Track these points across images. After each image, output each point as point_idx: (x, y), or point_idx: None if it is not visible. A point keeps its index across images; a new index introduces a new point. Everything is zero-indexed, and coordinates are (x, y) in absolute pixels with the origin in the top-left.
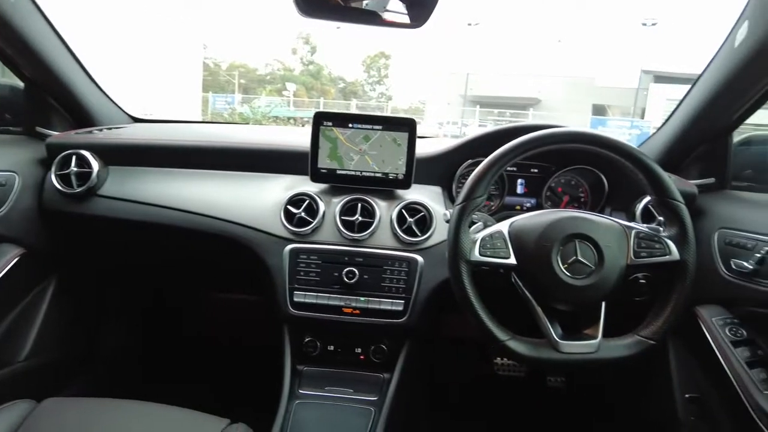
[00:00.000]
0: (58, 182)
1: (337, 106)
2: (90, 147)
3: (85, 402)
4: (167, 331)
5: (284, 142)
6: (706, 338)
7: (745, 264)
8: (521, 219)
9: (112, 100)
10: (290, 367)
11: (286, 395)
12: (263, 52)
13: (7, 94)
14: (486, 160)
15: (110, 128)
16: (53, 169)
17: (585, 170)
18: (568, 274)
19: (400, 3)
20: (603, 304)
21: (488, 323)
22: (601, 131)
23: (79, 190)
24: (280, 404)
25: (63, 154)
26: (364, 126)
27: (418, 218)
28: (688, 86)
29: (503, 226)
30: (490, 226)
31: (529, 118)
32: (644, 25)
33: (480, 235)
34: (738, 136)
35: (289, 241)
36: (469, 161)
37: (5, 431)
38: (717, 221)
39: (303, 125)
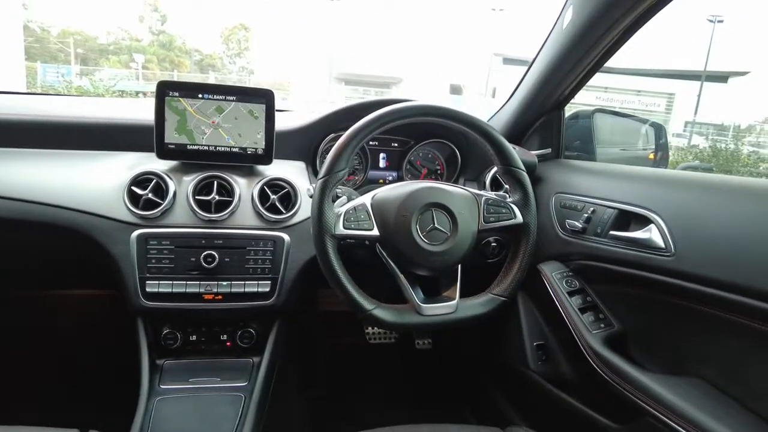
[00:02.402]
0: None
1: (194, 80)
2: None
3: None
4: None
5: (124, 116)
6: (548, 291)
7: (576, 223)
8: (382, 191)
9: None
10: (148, 362)
11: (145, 393)
12: (103, 18)
13: None
14: (346, 134)
15: None
16: None
17: (441, 144)
18: (426, 241)
19: None
20: (459, 267)
21: (354, 294)
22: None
23: None
24: (139, 403)
25: None
26: (215, 97)
27: (281, 195)
28: None
29: (366, 199)
30: (354, 200)
31: (392, 96)
32: (493, 10)
33: (344, 209)
34: (568, 111)
35: (136, 226)
36: (332, 135)
37: None
38: (553, 187)
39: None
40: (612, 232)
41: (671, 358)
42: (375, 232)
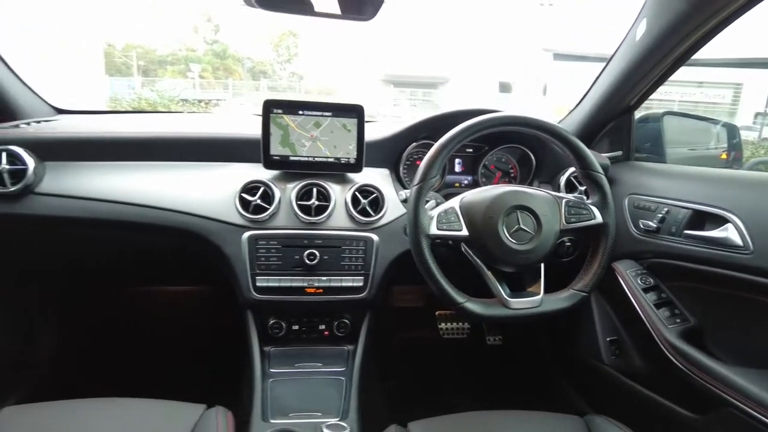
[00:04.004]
0: None
1: (246, 87)
2: (22, 142)
3: (49, 407)
4: (109, 329)
5: (232, 131)
6: (622, 288)
7: (650, 223)
8: (469, 195)
9: (33, 91)
10: (258, 349)
11: (259, 375)
12: (161, 30)
13: None
14: (437, 144)
15: (38, 121)
16: None
17: (513, 148)
18: (512, 240)
19: None
20: (542, 264)
21: (448, 288)
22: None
23: (12, 189)
24: (255, 384)
25: None
26: (313, 113)
27: (371, 199)
28: (584, 64)
29: (454, 203)
30: (440, 203)
31: (439, 96)
32: (542, 5)
33: (435, 212)
34: (638, 114)
35: (246, 228)
36: (414, 144)
37: None
38: (626, 188)
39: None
40: (687, 232)
41: (749, 353)
42: (464, 232)
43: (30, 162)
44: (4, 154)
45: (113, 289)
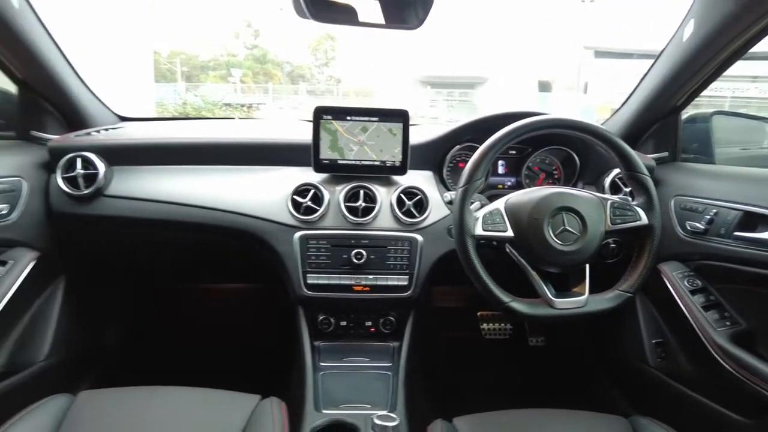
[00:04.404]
0: (65, 185)
1: (285, 90)
2: (94, 149)
3: (120, 392)
4: (170, 323)
5: (283, 136)
6: (668, 290)
7: (698, 225)
8: (514, 196)
9: (100, 100)
10: (309, 343)
11: (310, 368)
12: (203, 37)
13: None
14: (482, 147)
15: (107, 129)
16: (59, 172)
17: (557, 150)
18: (558, 241)
19: (398, 5)
20: (587, 265)
21: (493, 288)
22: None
23: (86, 191)
24: (306, 376)
25: (67, 156)
26: (361, 118)
27: (415, 201)
28: (628, 61)
29: (499, 204)
30: (485, 204)
31: (477, 96)
32: (582, 1)
33: (481, 213)
34: (685, 114)
35: (297, 228)
36: (458, 146)
37: (52, 421)
38: (673, 189)
39: (255, 110)
40: (737, 233)
41: None
42: (509, 233)
43: (101, 167)
44: (79, 160)
45: (173, 286)
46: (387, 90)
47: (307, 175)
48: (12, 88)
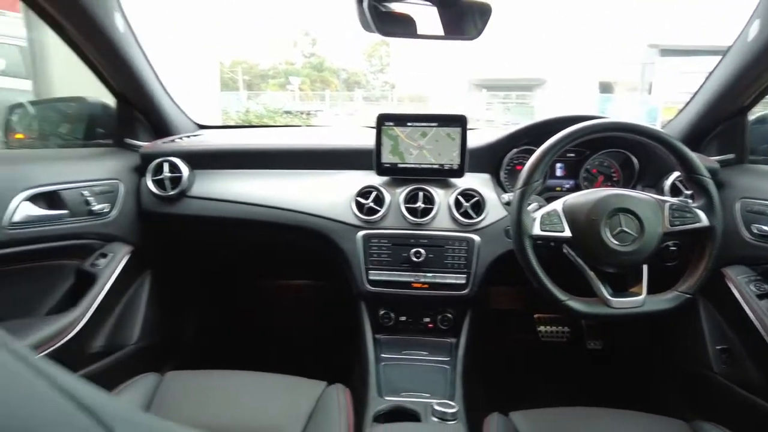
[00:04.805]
0: (154, 186)
1: (342, 97)
2: (179, 154)
3: (202, 373)
4: (243, 315)
5: (347, 142)
6: (733, 294)
7: (766, 228)
8: (572, 198)
9: (181, 110)
10: (371, 336)
11: (372, 359)
12: (263, 46)
13: (99, 111)
14: (540, 149)
15: (188, 136)
16: (149, 175)
17: (615, 152)
18: (615, 242)
19: (456, 17)
20: (645, 266)
21: (550, 286)
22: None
23: (172, 192)
24: (369, 365)
25: (156, 161)
26: (420, 124)
27: (472, 203)
28: (694, 58)
29: (557, 205)
30: (542, 206)
31: (535, 99)
32: None
33: (539, 214)
34: (752, 115)
35: (360, 228)
36: (515, 150)
37: (144, 396)
38: (738, 192)
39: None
40: None
41: None
42: (566, 233)
43: (185, 170)
44: (166, 164)
45: (245, 282)
46: (442, 94)
47: (369, 178)
48: (110, 101)
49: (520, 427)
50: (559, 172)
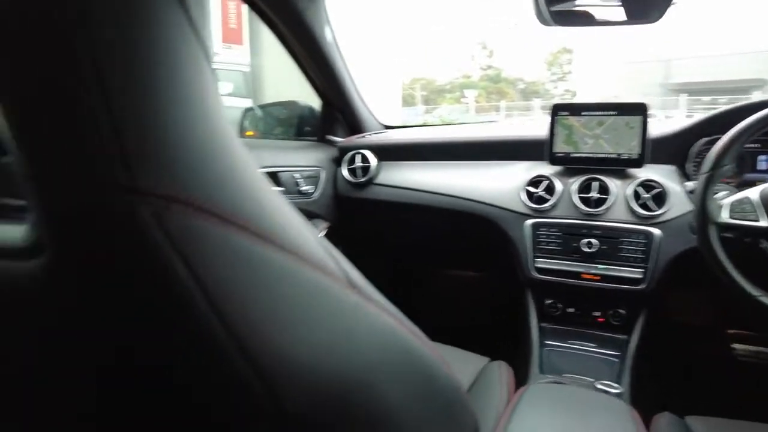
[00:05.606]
0: (348, 174)
1: (518, 108)
2: (369, 147)
3: None
4: (415, 295)
5: (521, 133)
6: None
7: None
8: None
9: (371, 112)
10: (536, 323)
11: (537, 342)
12: (441, 62)
13: (307, 112)
14: (733, 130)
15: (376, 133)
16: (344, 165)
17: None
18: None
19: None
20: None
21: (738, 279)
22: None
23: (362, 179)
24: (533, 348)
25: (350, 153)
26: (597, 113)
27: (653, 194)
28: None
29: (751, 193)
30: (733, 194)
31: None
32: None
33: (728, 201)
34: None
35: (529, 216)
36: (705, 139)
37: None
38: None
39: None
40: None
41: None
42: (763, 223)
43: (373, 161)
44: (358, 156)
45: (417, 266)
46: (631, 100)
47: (540, 168)
48: (315, 104)
49: None
50: (762, 165)
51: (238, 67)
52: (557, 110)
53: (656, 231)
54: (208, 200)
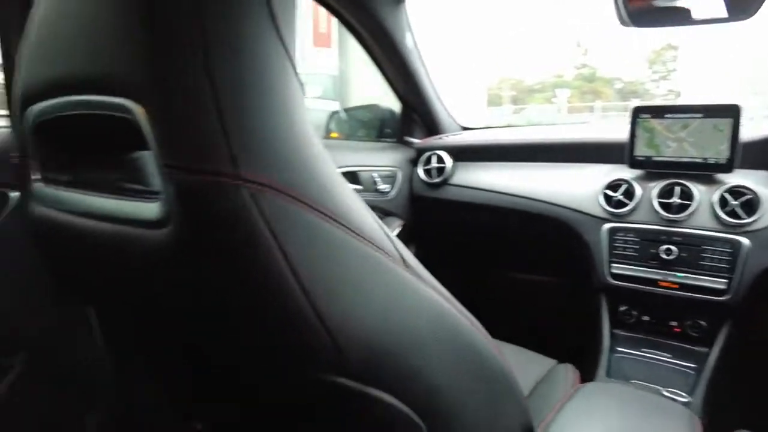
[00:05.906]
0: (424, 174)
1: (614, 108)
2: (444, 148)
3: None
4: (480, 295)
5: (600, 136)
6: None
7: None
8: None
9: (449, 114)
10: (608, 329)
11: (607, 348)
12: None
13: (387, 115)
14: None
15: (453, 134)
16: (420, 165)
17: None
18: None
19: None
20: None
21: None
22: None
23: (437, 180)
24: (602, 351)
25: (426, 154)
26: (682, 115)
27: (743, 201)
28: None
29: None
30: None
31: None
32: None
33: None
34: None
35: (606, 220)
36: None
37: None
38: None
39: None
40: None
41: None
42: None
43: (449, 161)
44: (434, 157)
45: (487, 268)
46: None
47: (619, 171)
48: (396, 107)
49: None
50: None
51: (327, 71)
52: (638, 112)
53: (744, 240)
54: (293, 188)
